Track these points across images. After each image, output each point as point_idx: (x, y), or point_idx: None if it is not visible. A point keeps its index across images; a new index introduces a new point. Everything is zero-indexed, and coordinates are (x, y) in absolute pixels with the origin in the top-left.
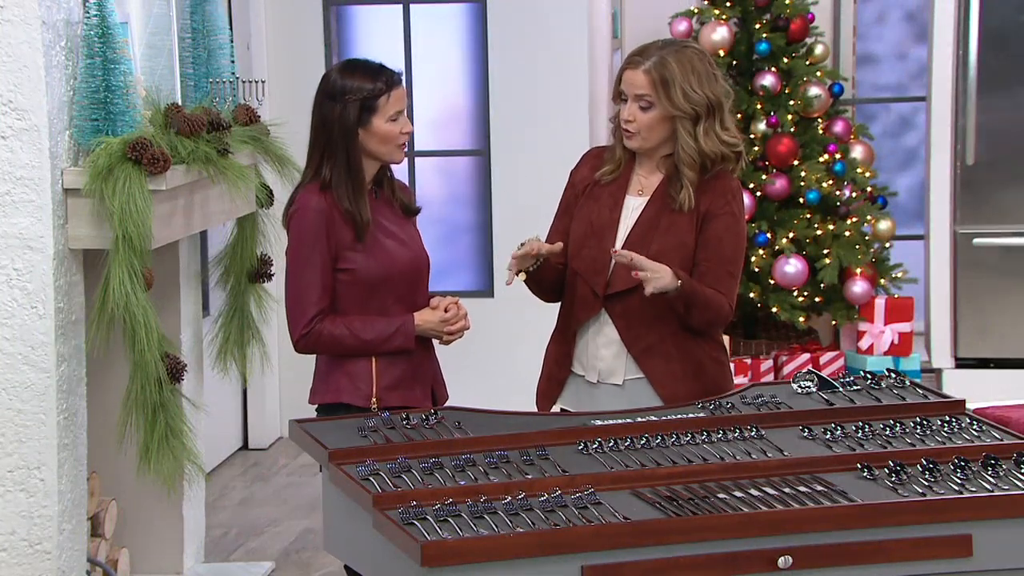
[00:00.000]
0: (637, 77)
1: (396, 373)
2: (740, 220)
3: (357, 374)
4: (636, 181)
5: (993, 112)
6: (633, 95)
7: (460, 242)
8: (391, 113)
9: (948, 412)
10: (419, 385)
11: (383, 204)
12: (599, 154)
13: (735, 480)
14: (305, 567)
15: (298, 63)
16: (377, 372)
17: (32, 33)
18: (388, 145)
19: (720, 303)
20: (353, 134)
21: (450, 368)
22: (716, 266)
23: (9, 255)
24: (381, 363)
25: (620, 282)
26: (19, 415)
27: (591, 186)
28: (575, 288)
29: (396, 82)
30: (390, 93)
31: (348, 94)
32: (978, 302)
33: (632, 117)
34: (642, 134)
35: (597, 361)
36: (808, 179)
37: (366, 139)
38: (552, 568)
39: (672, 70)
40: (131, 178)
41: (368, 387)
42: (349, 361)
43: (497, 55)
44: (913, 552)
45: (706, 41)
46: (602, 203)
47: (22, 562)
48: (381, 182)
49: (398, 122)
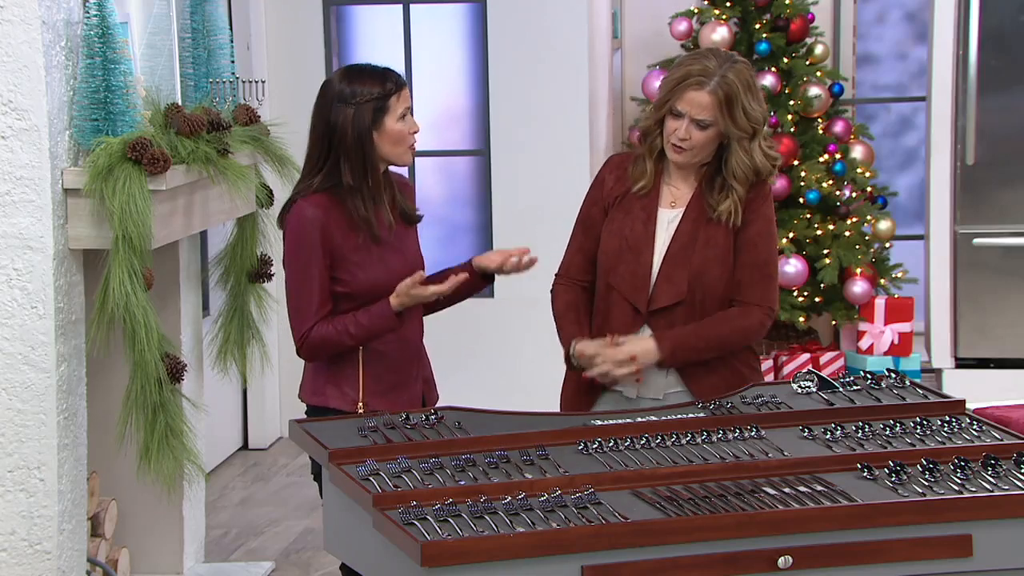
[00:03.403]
0: (703, 98)
1: (384, 378)
2: (772, 223)
3: (344, 378)
4: (667, 192)
5: (993, 112)
6: (694, 116)
7: (460, 242)
8: (401, 111)
9: (948, 412)
10: (407, 390)
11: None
12: (622, 163)
13: (735, 480)
14: (305, 567)
15: (298, 63)
16: (364, 376)
17: (32, 33)
18: (399, 146)
19: (741, 325)
20: (368, 136)
21: (450, 368)
22: (752, 271)
23: (9, 255)
24: (368, 367)
25: (663, 297)
26: (19, 415)
27: (619, 199)
28: (611, 304)
29: (402, 83)
30: (399, 93)
31: (359, 96)
32: (978, 302)
33: (688, 135)
34: (694, 151)
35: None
36: (808, 179)
37: (379, 142)
38: (552, 568)
39: (735, 90)
40: (131, 178)
41: (355, 392)
42: (336, 364)
43: (497, 55)
44: (913, 552)
45: (706, 41)
46: (634, 216)
47: (22, 562)
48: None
49: (407, 121)
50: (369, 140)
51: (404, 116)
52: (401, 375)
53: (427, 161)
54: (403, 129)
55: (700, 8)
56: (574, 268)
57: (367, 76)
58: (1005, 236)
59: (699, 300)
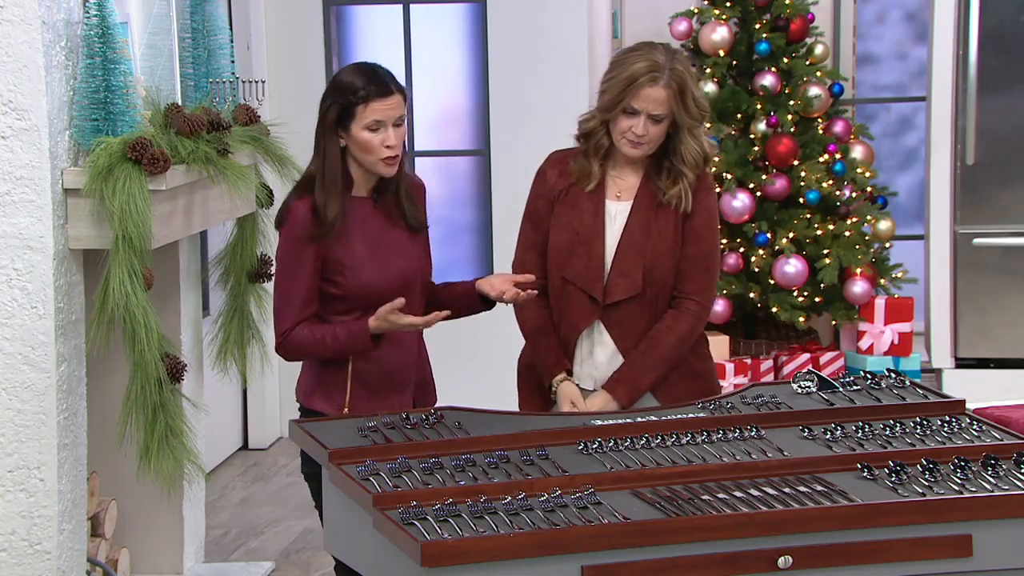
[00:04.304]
0: (659, 94)
1: (374, 384)
2: (715, 215)
3: (333, 382)
4: (612, 184)
5: (993, 112)
6: (651, 112)
7: (460, 242)
8: (368, 122)
9: (948, 412)
10: (399, 396)
11: (380, 214)
12: (563, 159)
13: (735, 480)
14: (305, 567)
15: (298, 63)
16: (353, 381)
17: (32, 33)
18: (369, 155)
19: (680, 332)
20: (332, 134)
21: (451, 368)
22: (694, 262)
23: (9, 255)
24: (357, 372)
25: (619, 291)
26: (19, 415)
27: (563, 193)
28: (568, 297)
29: (383, 93)
30: (370, 103)
31: (334, 94)
32: (978, 302)
33: (646, 131)
34: (651, 144)
35: (593, 369)
36: (808, 179)
37: (350, 144)
38: (552, 568)
39: (685, 80)
40: (131, 178)
41: (342, 397)
42: (328, 367)
43: (497, 55)
44: (913, 552)
45: (706, 41)
46: (582, 210)
47: (22, 562)
48: (384, 191)
49: (378, 134)
50: (333, 138)
51: (376, 128)
52: (392, 381)
53: (427, 161)
54: (370, 139)
55: (700, 8)
56: (528, 264)
57: (356, 75)
58: (1005, 236)
59: (652, 292)
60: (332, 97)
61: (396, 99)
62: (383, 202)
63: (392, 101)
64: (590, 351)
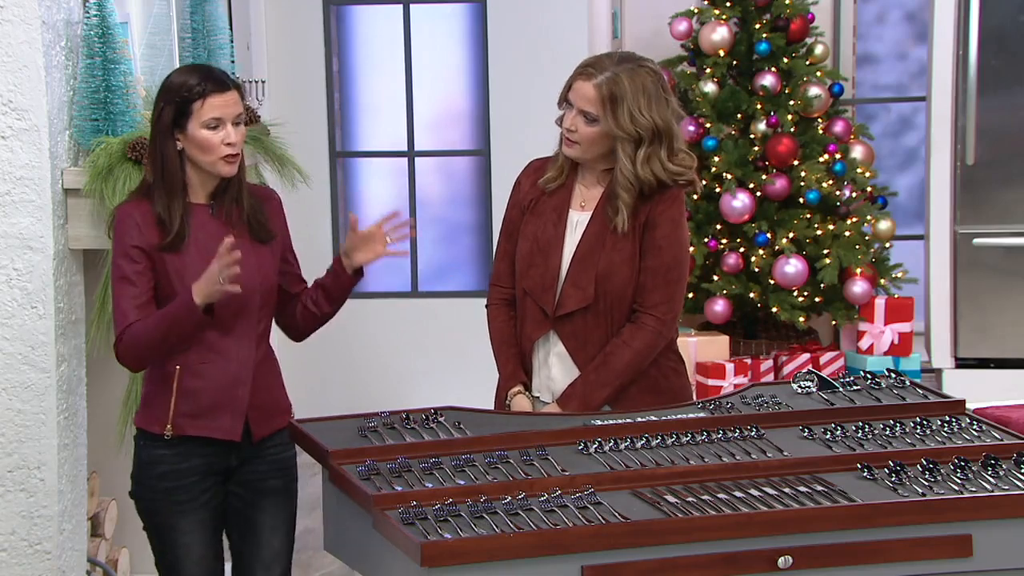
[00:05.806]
0: (587, 90)
1: (198, 401)
2: (680, 227)
3: (158, 399)
4: (579, 193)
5: (993, 112)
6: (581, 107)
7: (460, 242)
8: (206, 119)
9: (948, 412)
10: (228, 415)
11: (217, 222)
12: (540, 166)
13: (735, 480)
14: (305, 567)
15: (298, 63)
16: (176, 398)
17: (32, 33)
18: (208, 155)
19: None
20: (167, 136)
21: (451, 368)
22: (653, 276)
23: (9, 255)
24: (183, 391)
25: (570, 302)
26: (19, 415)
27: (533, 203)
28: (525, 308)
29: (220, 88)
30: (207, 98)
31: (167, 94)
32: (978, 302)
33: (574, 127)
34: (582, 145)
35: (549, 381)
36: (808, 179)
37: (187, 145)
38: (552, 568)
39: (623, 89)
40: (131, 178)
41: (165, 414)
42: (155, 384)
43: (497, 55)
44: (913, 552)
45: (706, 41)
46: (546, 218)
47: (22, 562)
48: (223, 197)
49: (217, 132)
50: (168, 140)
51: (215, 126)
52: (216, 399)
53: (427, 161)
54: (209, 137)
55: (700, 8)
56: (503, 275)
57: (190, 74)
58: (1005, 236)
59: (605, 306)
60: (165, 98)
61: (233, 95)
62: (221, 210)
63: (229, 97)
64: (546, 362)
